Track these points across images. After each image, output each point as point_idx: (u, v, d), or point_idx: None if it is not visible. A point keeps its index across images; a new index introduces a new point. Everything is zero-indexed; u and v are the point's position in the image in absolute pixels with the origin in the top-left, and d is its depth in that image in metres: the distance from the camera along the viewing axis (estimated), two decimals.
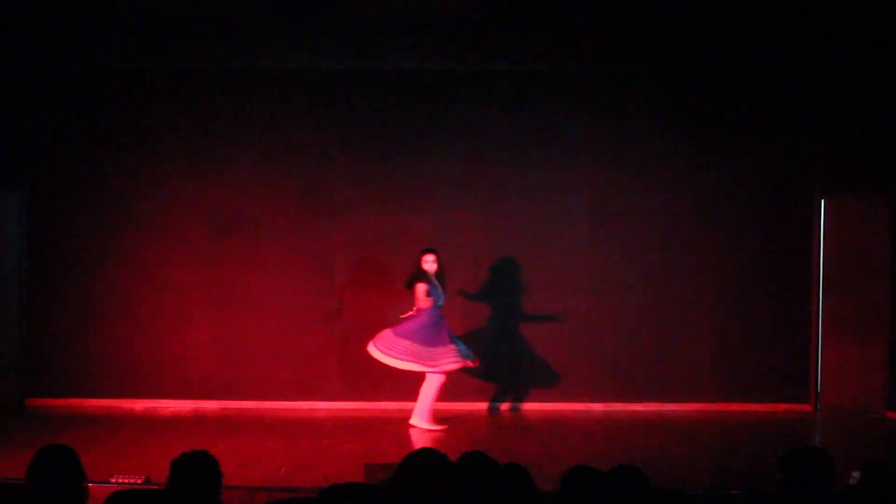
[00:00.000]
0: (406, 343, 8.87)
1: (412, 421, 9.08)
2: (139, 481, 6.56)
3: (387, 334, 8.99)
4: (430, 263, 9.12)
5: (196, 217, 10.22)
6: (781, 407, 10.23)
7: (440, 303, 9.11)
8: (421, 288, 9.03)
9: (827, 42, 9.67)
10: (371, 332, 9.77)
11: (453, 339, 9.09)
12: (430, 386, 9.00)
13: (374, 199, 10.23)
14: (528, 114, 10.27)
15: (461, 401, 10.14)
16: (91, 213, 10.18)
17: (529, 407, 10.15)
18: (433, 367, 8.90)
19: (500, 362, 10.24)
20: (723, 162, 10.32)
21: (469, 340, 10.25)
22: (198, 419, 9.60)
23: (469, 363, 9.07)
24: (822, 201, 10.39)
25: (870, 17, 9.48)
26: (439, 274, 9.18)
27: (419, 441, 8.58)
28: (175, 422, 9.43)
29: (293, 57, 9.73)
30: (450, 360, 8.94)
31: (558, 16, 9.41)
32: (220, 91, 10.20)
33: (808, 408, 10.30)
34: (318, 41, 9.63)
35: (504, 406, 10.19)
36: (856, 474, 4.92)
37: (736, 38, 9.69)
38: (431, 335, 8.93)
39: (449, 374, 9.02)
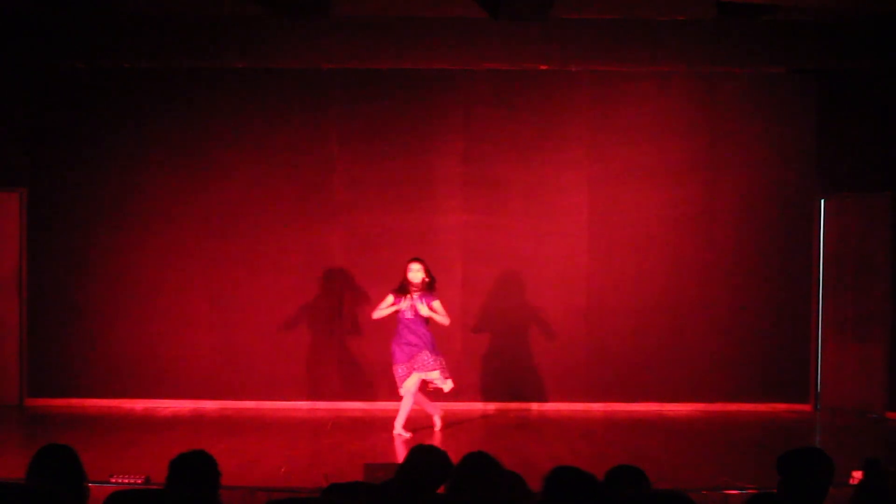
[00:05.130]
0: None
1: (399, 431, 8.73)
2: (139, 481, 6.56)
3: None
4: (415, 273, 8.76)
5: (196, 217, 10.21)
6: (781, 407, 10.23)
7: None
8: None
9: (826, 41, 9.66)
10: (371, 332, 9.80)
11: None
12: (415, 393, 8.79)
13: (374, 199, 10.23)
14: (528, 114, 10.27)
15: (461, 400, 10.15)
16: (91, 212, 10.18)
17: (529, 407, 10.15)
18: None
19: (499, 362, 10.24)
20: (723, 162, 10.32)
21: (469, 340, 10.28)
22: (197, 419, 9.60)
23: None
24: (822, 201, 10.39)
25: (869, 17, 9.47)
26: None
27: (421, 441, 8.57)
28: (175, 422, 9.43)
29: (293, 57, 9.72)
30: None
31: (558, 15, 9.41)
32: (220, 91, 10.20)
33: (808, 408, 10.30)
34: (318, 41, 9.63)
35: (503, 406, 10.18)
36: (856, 474, 4.92)
37: (735, 38, 9.67)
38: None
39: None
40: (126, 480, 6.51)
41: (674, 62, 9.89)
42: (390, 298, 8.81)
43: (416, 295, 8.72)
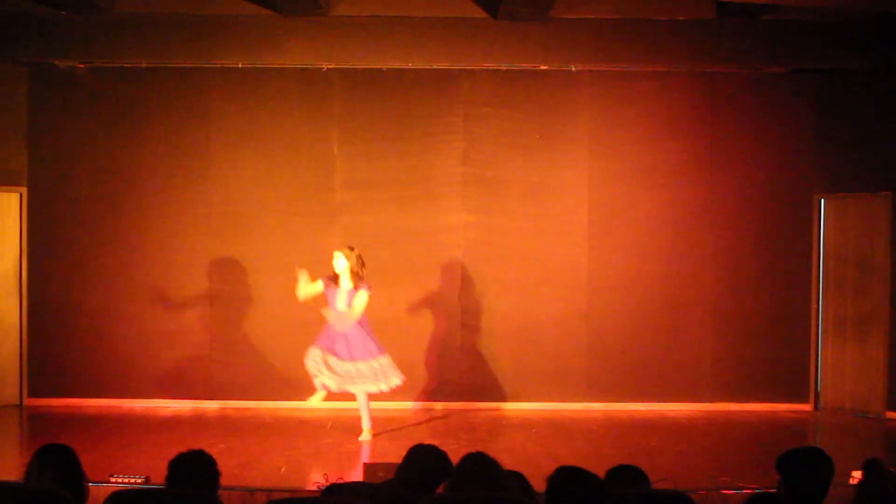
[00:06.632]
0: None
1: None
2: (139, 481, 6.56)
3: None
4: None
5: (196, 217, 10.21)
6: (781, 407, 10.23)
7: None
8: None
9: (826, 41, 9.66)
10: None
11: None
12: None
13: (374, 199, 10.23)
14: (528, 114, 10.27)
15: (461, 400, 10.15)
16: (90, 212, 10.18)
17: (529, 407, 10.15)
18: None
19: (499, 362, 10.23)
20: (722, 161, 10.32)
21: (469, 340, 10.27)
22: (197, 419, 9.59)
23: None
24: (822, 201, 10.39)
25: (869, 17, 9.47)
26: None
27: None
28: (175, 422, 9.42)
29: (293, 57, 9.72)
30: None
31: (558, 15, 9.42)
32: (220, 91, 10.20)
33: (808, 408, 10.30)
34: (318, 41, 9.63)
35: (503, 406, 10.18)
36: (856, 474, 4.92)
37: (735, 38, 9.68)
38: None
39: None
40: (126, 480, 6.50)
41: (674, 62, 9.89)
42: (320, 283, 8.65)
43: (347, 288, 8.55)
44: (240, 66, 9.84)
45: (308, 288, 8.64)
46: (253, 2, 9.43)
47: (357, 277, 8.54)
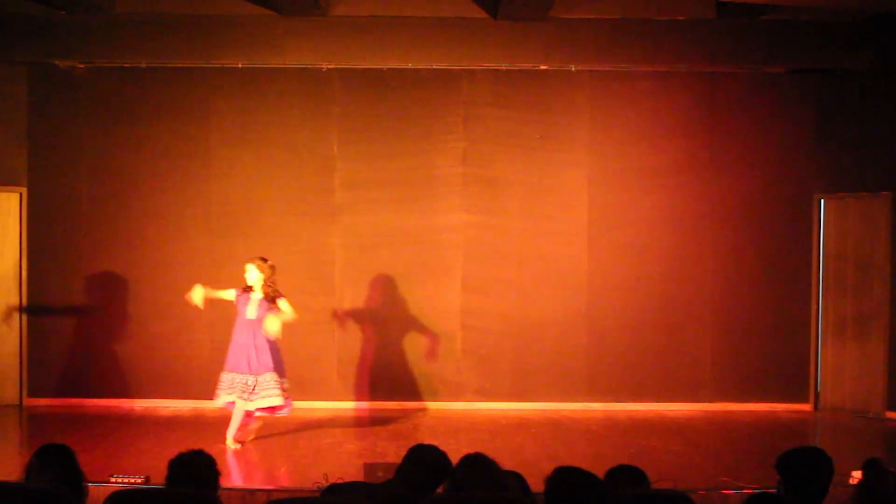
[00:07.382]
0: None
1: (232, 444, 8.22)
2: (139, 481, 6.56)
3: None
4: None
5: (196, 217, 10.21)
6: (781, 407, 10.23)
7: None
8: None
9: (826, 41, 9.66)
10: (371, 332, 9.80)
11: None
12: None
13: (374, 199, 10.23)
14: (528, 114, 10.27)
15: (461, 400, 10.15)
16: (91, 212, 10.18)
17: (529, 407, 10.14)
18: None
19: (499, 362, 10.23)
20: (722, 161, 10.32)
21: (468, 340, 10.26)
22: (197, 419, 9.59)
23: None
24: (822, 201, 10.39)
25: (869, 17, 9.47)
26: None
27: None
28: (175, 422, 9.42)
29: (293, 57, 9.72)
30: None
31: (558, 15, 9.42)
32: (220, 91, 10.20)
33: (808, 408, 10.30)
34: (318, 41, 9.63)
35: (503, 406, 10.17)
36: (856, 474, 4.92)
37: (735, 38, 9.68)
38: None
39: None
40: (126, 480, 6.51)
41: (673, 62, 9.89)
42: (232, 292, 8.47)
43: (258, 298, 8.37)
44: (240, 66, 9.84)
45: (216, 293, 8.44)
46: (253, 2, 9.44)
47: (269, 288, 8.37)
